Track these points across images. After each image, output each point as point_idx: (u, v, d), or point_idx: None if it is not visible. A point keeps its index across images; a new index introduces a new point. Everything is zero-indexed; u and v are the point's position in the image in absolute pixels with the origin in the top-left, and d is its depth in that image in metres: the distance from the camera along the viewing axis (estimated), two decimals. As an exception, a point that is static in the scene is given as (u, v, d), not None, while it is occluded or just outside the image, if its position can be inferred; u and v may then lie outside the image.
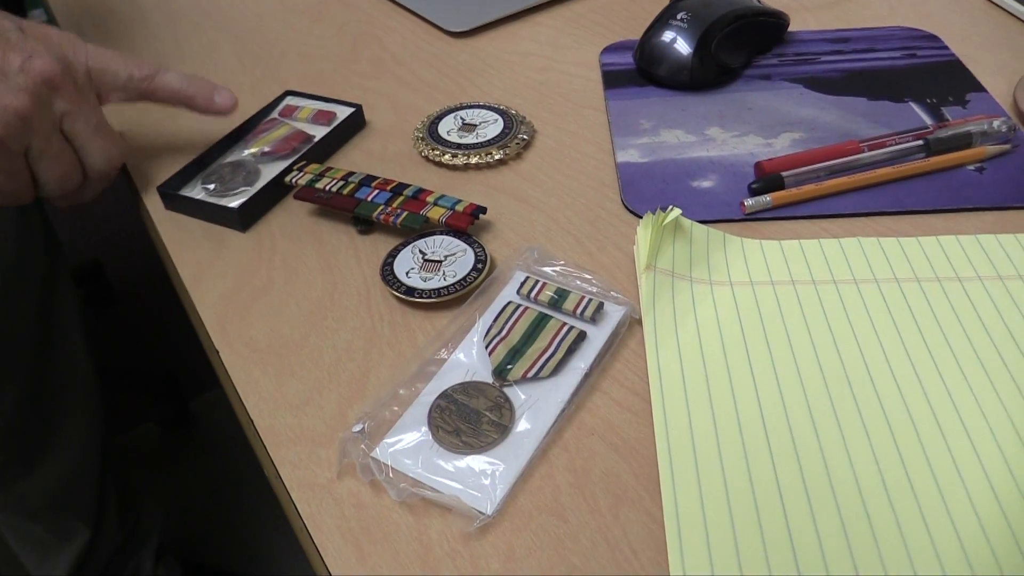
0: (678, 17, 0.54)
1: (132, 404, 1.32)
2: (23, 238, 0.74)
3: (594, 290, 0.40)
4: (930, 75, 0.54)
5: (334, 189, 0.46)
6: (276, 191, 0.49)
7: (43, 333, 0.75)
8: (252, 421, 0.37)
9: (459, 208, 0.44)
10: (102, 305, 1.57)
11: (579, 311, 0.39)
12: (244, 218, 0.47)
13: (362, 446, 0.34)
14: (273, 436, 0.36)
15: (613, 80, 0.56)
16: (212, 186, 0.49)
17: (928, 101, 0.52)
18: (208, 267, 0.45)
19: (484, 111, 0.53)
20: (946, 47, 0.57)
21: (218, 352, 0.40)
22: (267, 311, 0.42)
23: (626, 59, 0.58)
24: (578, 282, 0.40)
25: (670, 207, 0.41)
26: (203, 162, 0.51)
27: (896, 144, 0.47)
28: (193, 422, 1.35)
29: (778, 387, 0.35)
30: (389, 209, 0.45)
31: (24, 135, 0.42)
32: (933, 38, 0.58)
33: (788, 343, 0.37)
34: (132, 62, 0.49)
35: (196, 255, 0.46)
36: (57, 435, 0.78)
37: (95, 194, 0.50)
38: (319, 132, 0.52)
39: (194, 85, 0.50)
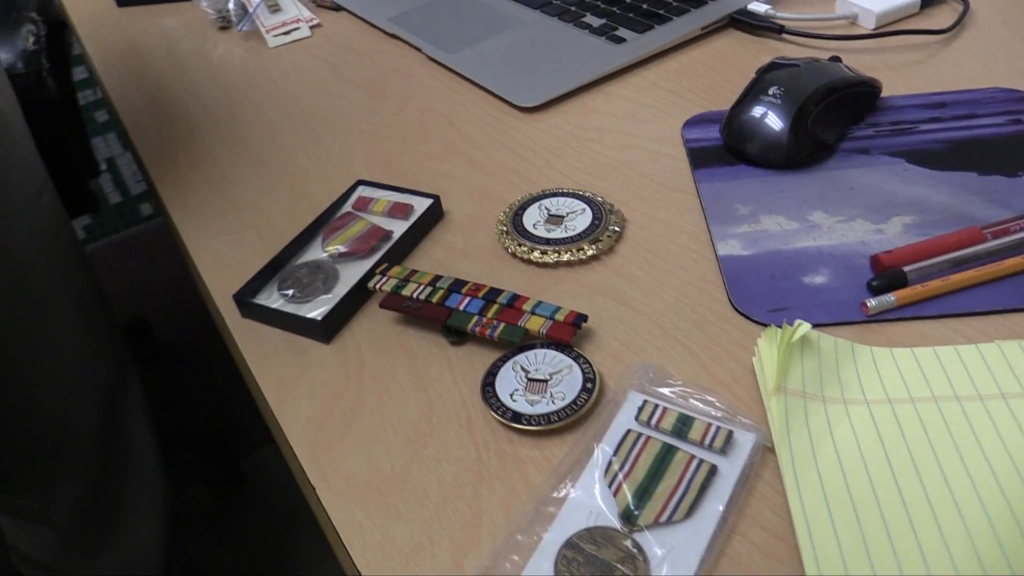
0: (770, 92, 0.51)
1: (182, 465, 1.30)
2: (89, 353, 0.73)
3: (718, 414, 0.37)
4: (1041, 143, 0.51)
5: (422, 297, 0.44)
6: (358, 297, 0.46)
7: (110, 428, 0.74)
8: (359, 573, 0.34)
9: (559, 317, 0.41)
10: (149, 363, 1.56)
11: (707, 441, 0.35)
12: (328, 330, 0.44)
13: (487, 610, 0.31)
14: (384, 592, 0.33)
15: (700, 158, 0.53)
16: (290, 291, 0.47)
17: (1045, 175, 0.49)
18: (293, 385, 0.42)
19: (570, 199, 0.50)
20: (1052, 110, 0.54)
21: (315, 489, 0.38)
22: (362, 438, 0.39)
23: (711, 134, 0.55)
24: (700, 404, 0.37)
25: (798, 322, 0.38)
26: (277, 263, 0.49)
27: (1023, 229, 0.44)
28: (244, 482, 1.33)
29: (937, 525, 0.32)
30: (484, 320, 0.42)
31: None
32: (1036, 100, 0.55)
33: (940, 471, 0.34)
34: None
35: (279, 371, 0.43)
36: (122, 522, 0.76)
37: None
38: (397, 227, 0.50)
39: None
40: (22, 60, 0.91)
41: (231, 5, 0.81)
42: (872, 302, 0.41)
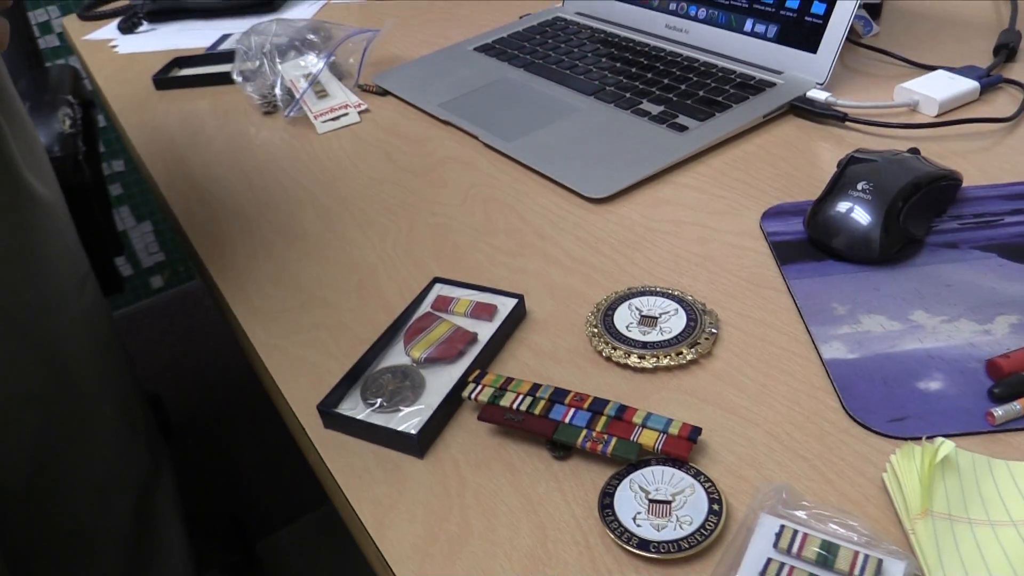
0: (858, 187, 0.51)
1: (198, 551, 1.26)
2: (126, 444, 0.71)
3: (861, 539, 0.35)
4: None
5: (523, 408, 0.42)
6: (450, 406, 0.44)
7: (140, 531, 0.71)
8: None
9: (673, 431, 0.39)
10: (159, 441, 1.52)
11: (856, 572, 0.33)
12: (423, 443, 0.42)
13: None
14: None
15: (786, 253, 0.52)
16: (376, 401, 0.45)
17: None
18: (391, 507, 0.40)
19: (660, 299, 0.49)
20: None
21: (428, 626, 0.35)
22: (474, 567, 0.37)
23: (792, 227, 0.54)
24: (840, 529, 0.35)
25: (939, 440, 0.36)
26: (359, 369, 0.47)
27: None
28: (259, 567, 1.28)
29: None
30: (594, 434, 0.40)
31: None
32: (1115, 189, 0.54)
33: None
34: None
35: (373, 490, 0.41)
36: None
37: None
38: (482, 329, 0.48)
39: None
40: (59, 144, 0.91)
41: (277, 90, 0.80)
42: (998, 411, 0.39)
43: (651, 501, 0.37)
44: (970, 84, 0.65)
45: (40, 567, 0.64)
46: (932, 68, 0.69)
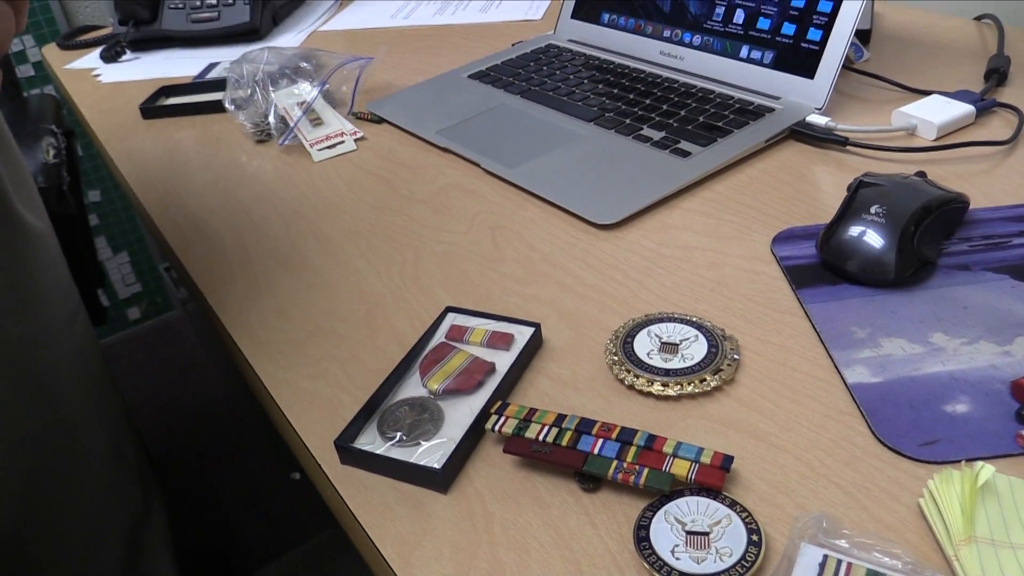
0: (871, 211, 0.51)
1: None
2: (117, 481, 0.68)
3: (904, 566, 0.34)
4: None
5: (550, 439, 0.41)
6: (472, 439, 0.43)
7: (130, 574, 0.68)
8: None
9: (705, 460, 0.39)
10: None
11: (904, 602, 0.33)
12: (447, 478, 0.41)
13: None
14: None
15: (800, 278, 0.52)
16: (395, 435, 0.43)
17: None
18: (416, 545, 0.39)
19: (680, 325, 0.48)
20: None
21: (465, 670, 0.34)
22: (508, 606, 0.36)
23: (803, 251, 0.54)
24: (883, 558, 0.35)
25: (979, 465, 0.36)
26: (375, 402, 0.46)
27: None
28: (246, 605, 1.25)
29: None
30: (625, 465, 0.39)
31: None
32: (1116, 210, 0.55)
33: None
34: None
35: (397, 528, 0.40)
36: None
37: None
38: (500, 359, 0.47)
39: None
40: (42, 174, 0.89)
41: (271, 119, 0.80)
42: (1029, 434, 0.39)
43: (688, 533, 0.36)
44: (966, 108, 0.66)
45: None
46: (925, 92, 0.70)
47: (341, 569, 1.29)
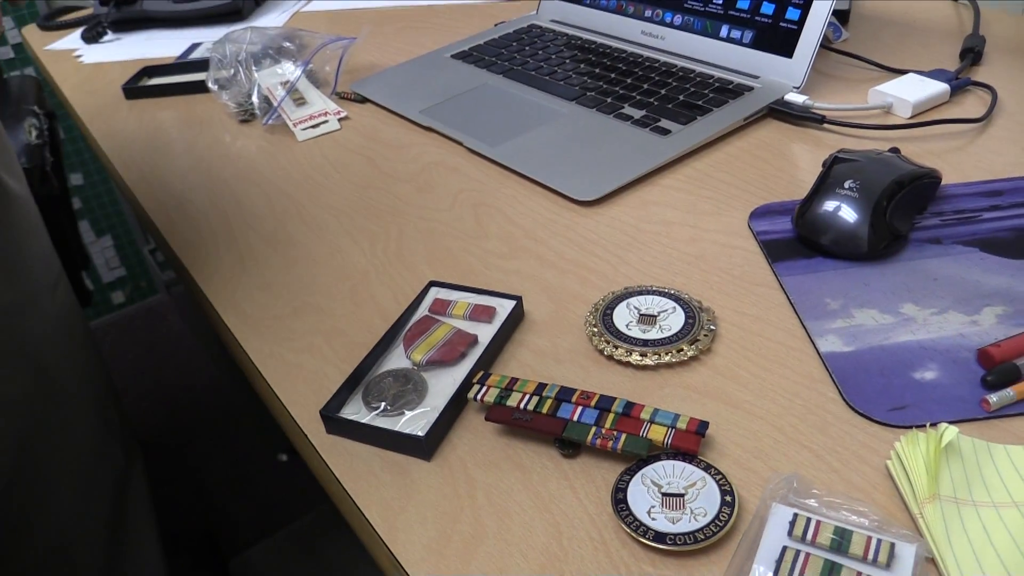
0: (845, 186, 0.52)
1: (169, 568, 1.23)
2: (102, 443, 0.69)
3: (871, 524, 0.35)
4: (1103, 229, 0.52)
5: (531, 407, 0.42)
6: (455, 408, 0.44)
7: (117, 539, 0.69)
8: None
9: (681, 426, 0.40)
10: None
11: (870, 556, 0.34)
12: (431, 445, 0.42)
13: None
14: None
15: (776, 252, 0.53)
16: (380, 405, 0.44)
17: (1117, 261, 0.50)
18: (400, 510, 0.40)
19: (658, 298, 0.49)
20: (1102, 195, 0.55)
21: (449, 627, 0.35)
22: (490, 567, 0.37)
23: (779, 226, 0.55)
24: (851, 516, 0.36)
25: (943, 426, 0.37)
26: (360, 373, 0.46)
27: (1118, 318, 0.45)
28: (234, 585, 1.25)
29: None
30: (604, 431, 0.40)
31: None
32: (1084, 185, 0.57)
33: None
34: None
35: (381, 494, 0.41)
36: None
37: None
38: (482, 331, 0.48)
39: None
40: (25, 155, 0.88)
41: (255, 98, 0.80)
42: (993, 398, 0.41)
43: (664, 495, 0.38)
44: (941, 87, 0.67)
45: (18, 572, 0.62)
46: (902, 72, 0.72)
47: (329, 547, 1.30)
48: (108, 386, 0.74)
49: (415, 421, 0.43)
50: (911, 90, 0.67)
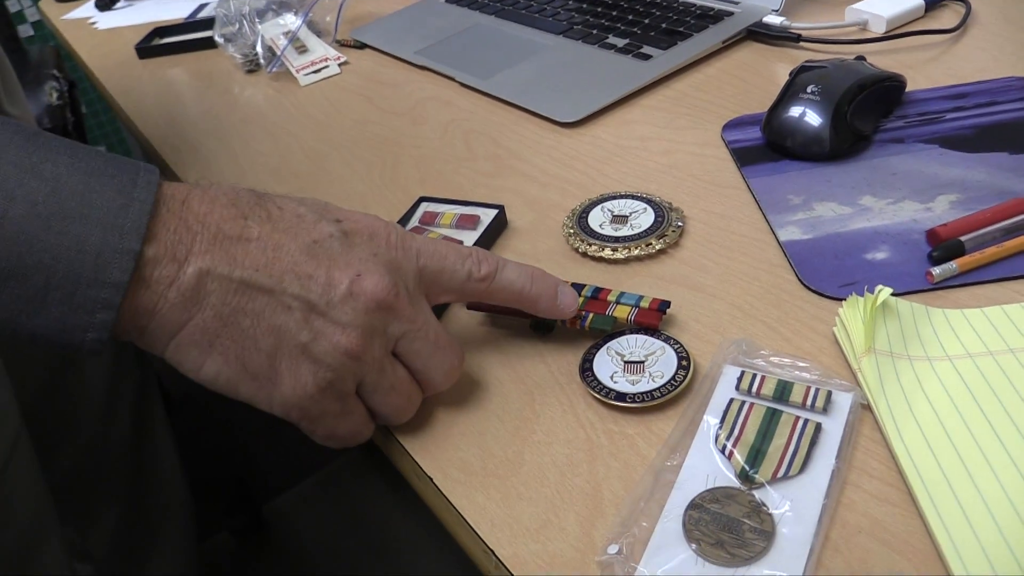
0: (807, 91, 0.55)
1: (204, 514, 1.29)
2: (117, 374, 0.73)
3: (813, 378, 0.39)
4: (1061, 123, 0.54)
5: (508, 296, 0.46)
6: (441, 305, 0.48)
7: (139, 459, 0.74)
8: (492, 551, 0.35)
9: (644, 304, 0.44)
10: (159, 415, 1.55)
11: (808, 403, 0.38)
12: (418, 333, 0.46)
13: (631, 565, 0.33)
14: (520, 565, 0.35)
15: (745, 157, 0.56)
16: (373, 303, 0.48)
17: (1071, 150, 0.52)
18: (392, 388, 0.44)
19: (630, 201, 0.53)
20: (1065, 93, 0.57)
21: (432, 479, 0.39)
22: (470, 431, 0.41)
23: (750, 135, 0.58)
24: (796, 372, 0.39)
25: (879, 288, 0.40)
26: (355, 278, 0.50)
27: (1063, 197, 0.47)
28: (267, 528, 1.32)
29: (1036, 465, 0.34)
30: (573, 312, 0.44)
31: (356, 373, 0.37)
32: (1048, 85, 0.59)
33: (1029, 416, 0.36)
34: (466, 256, 0.41)
35: (375, 376, 0.45)
36: (154, 553, 0.76)
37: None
38: (467, 237, 0.52)
39: (537, 284, 0.42)
40: (47, 116, 0.93)
41: (259, 49, 0.84)
42: (936, 271, 0.44)
43: (626, 362, 0.41)
44: (915, 2, 0.69)
45: (56, 482, 0.67)
46: (880, -9, 0.73)
47: (356, 491, 1.36)
48: None
49: (404, 314, 0.47)
50: (886, 6, 0.69)
